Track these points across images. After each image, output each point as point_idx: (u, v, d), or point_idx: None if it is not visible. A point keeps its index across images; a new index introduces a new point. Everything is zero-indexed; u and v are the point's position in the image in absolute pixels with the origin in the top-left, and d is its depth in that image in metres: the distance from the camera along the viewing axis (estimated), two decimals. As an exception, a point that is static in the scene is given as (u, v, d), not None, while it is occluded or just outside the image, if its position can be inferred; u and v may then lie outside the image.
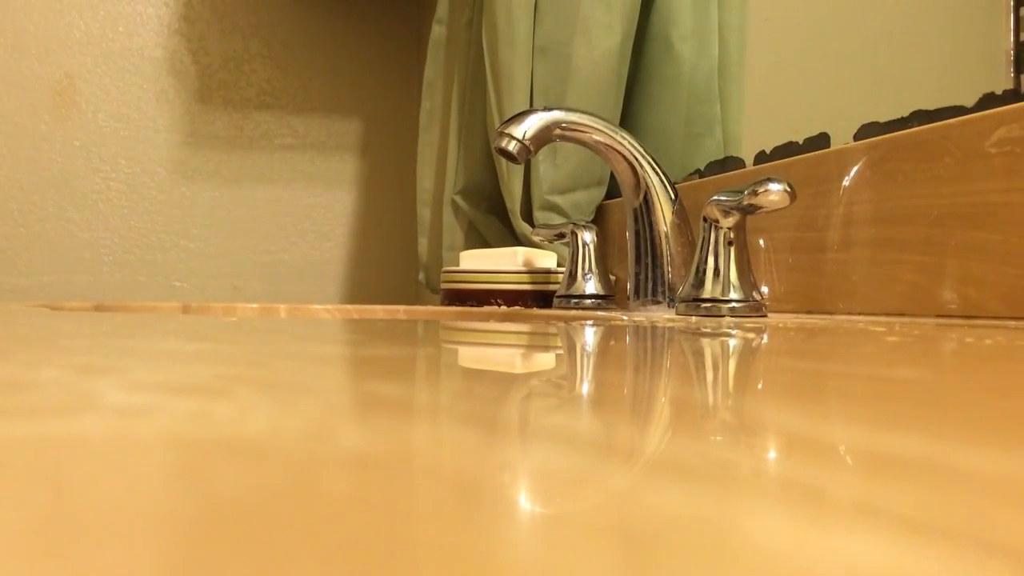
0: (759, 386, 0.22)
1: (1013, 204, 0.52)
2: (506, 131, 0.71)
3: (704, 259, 0.62)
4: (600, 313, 0.77)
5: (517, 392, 0.20)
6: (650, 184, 0.74)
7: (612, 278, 0.89)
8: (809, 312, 0.68)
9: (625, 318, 0.64)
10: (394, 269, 1.66)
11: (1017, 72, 0.58)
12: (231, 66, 1.57)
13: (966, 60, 0.65)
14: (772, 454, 0.12)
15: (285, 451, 0.11)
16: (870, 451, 0.12)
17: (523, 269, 0.93)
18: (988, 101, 0.55)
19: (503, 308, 0.90)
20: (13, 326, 0.43)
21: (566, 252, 0.87)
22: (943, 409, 0.17)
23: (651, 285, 0.74)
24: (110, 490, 0.09)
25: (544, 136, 0.72)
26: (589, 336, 0.43)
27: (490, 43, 1.05)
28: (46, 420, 0.13)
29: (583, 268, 0.84)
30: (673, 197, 0.75)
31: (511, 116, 0.73)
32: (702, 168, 0.87)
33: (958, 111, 0.57)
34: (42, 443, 0.11)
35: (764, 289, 0.72)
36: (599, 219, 1.02)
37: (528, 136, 0.71)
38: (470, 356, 0.33)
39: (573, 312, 0.80)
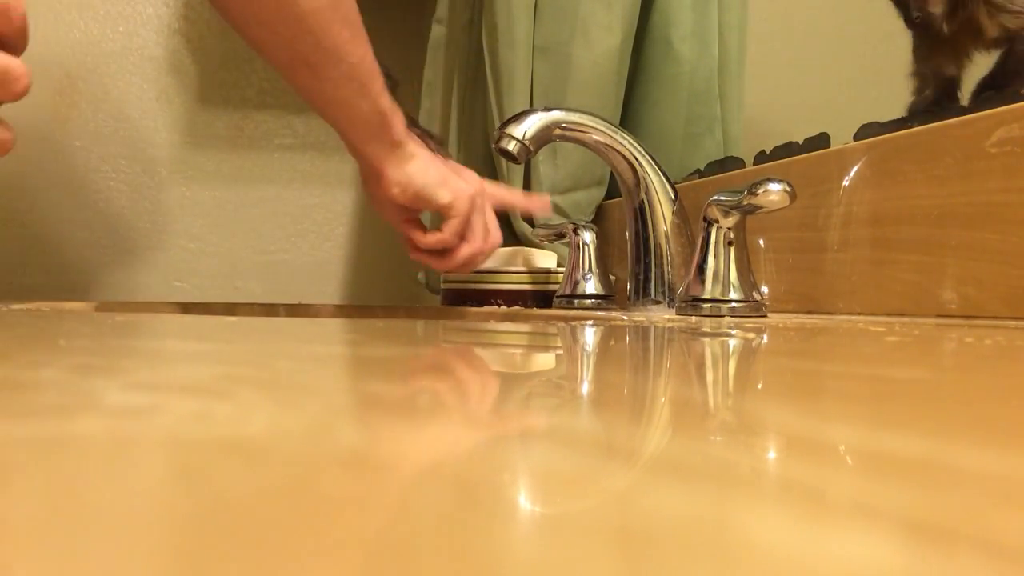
0: (759, 386, 0.22)
1: (1013, 204, 0.52)
2: (506, 131, 0.71)
3: (704, 259, 0.62)
4: (600, 313, 0.76)
5: (517, 392, 0.20)
6: (650, 184, 0.74)
7: (612, 278, 0.88)
8: (809, 312, 0.68)
9: (625, 318, 0.64)
10: (394, 269, 1.65)
11: (1017, 72, 0.58)
12: (231, 66, 1.57)
13: (966, 60, 0.65)
14: (772, 454, 0.12)
15: (285, 451, 0.11)
16: (870, 451, 0.12)
17: (523, 269, 0.93)
18: (988, 101, 0.55)
19: (503, 308, 0.90)
20: (13, 326, 0.43)
21: (566, 252, 0.87)
22: (943, 409, 0.17)
23: (651, 285, 0.74)
24: (110, 490, 0.09)
25: (544, 136, 0.72)
26: (589, 336, 0.43)
27: (490, 43, 1.05)
28: (46, 420, 0.13)
29: (583, 268, 0.84)
30: (673, 197, 0.75)
31: (511, 116, 0.73)
32: (702, 168, 0.87)
33: (958, 111, 0.57)
34: (42, 443, 0.11)
35: (764, 289, 0.72)
36: (599, 219, 1.01)
37: (528, 136, 0.71)
38: (470, 356, 0.33)
39: (573, 312, 0.80)
